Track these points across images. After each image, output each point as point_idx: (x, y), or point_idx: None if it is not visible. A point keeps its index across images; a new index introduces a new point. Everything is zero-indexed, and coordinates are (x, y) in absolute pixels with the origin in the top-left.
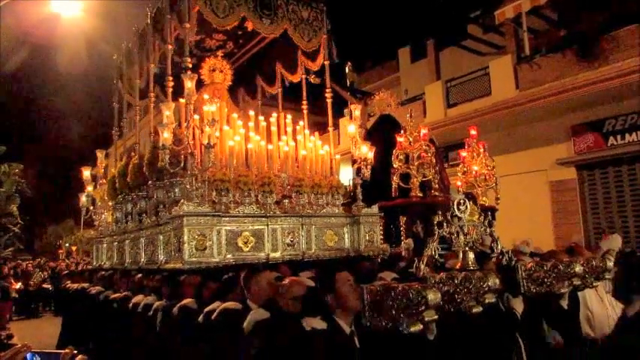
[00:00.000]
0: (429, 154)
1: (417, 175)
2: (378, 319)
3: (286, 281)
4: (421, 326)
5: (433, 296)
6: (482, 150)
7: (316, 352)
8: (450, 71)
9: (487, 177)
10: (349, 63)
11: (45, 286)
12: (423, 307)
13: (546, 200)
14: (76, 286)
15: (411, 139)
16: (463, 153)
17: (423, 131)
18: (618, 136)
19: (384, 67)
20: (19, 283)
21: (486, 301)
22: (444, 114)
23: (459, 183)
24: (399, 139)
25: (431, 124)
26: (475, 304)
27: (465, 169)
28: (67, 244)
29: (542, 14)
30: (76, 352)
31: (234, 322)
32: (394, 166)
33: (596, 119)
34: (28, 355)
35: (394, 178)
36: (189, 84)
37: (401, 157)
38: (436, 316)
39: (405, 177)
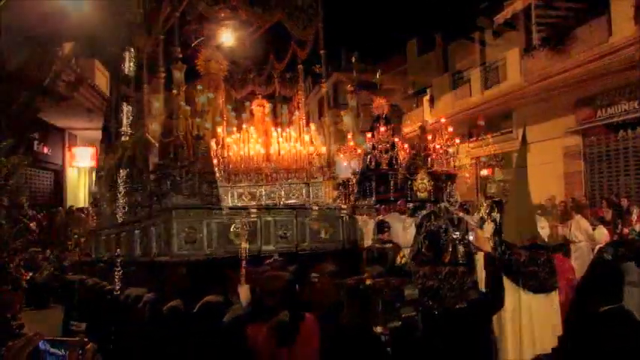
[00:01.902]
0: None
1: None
2: (355, 316)
3: (267, 275)
4: (399, 323)
5: (410, 292)
6: (491, 139)
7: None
8: (458, 63)
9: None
10: (355, 53)
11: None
12: (400, 304)
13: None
14: (76, 277)
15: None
16: (471, 145)
17: (428, 121)
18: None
19: (392, 60)
20: (30, 274)
21: (470, 297)
22: (452, 106)
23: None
24: (405, 129)
25: (439, 116)
26: (458, 301)
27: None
28: (75, 236)
29: (552, 6)
30: (86, 339)
31: (213, 316)
32: (399, 158)
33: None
34: (40, 344)
35: (400, 169)
36: (177, 74)
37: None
38: (413, 313)
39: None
